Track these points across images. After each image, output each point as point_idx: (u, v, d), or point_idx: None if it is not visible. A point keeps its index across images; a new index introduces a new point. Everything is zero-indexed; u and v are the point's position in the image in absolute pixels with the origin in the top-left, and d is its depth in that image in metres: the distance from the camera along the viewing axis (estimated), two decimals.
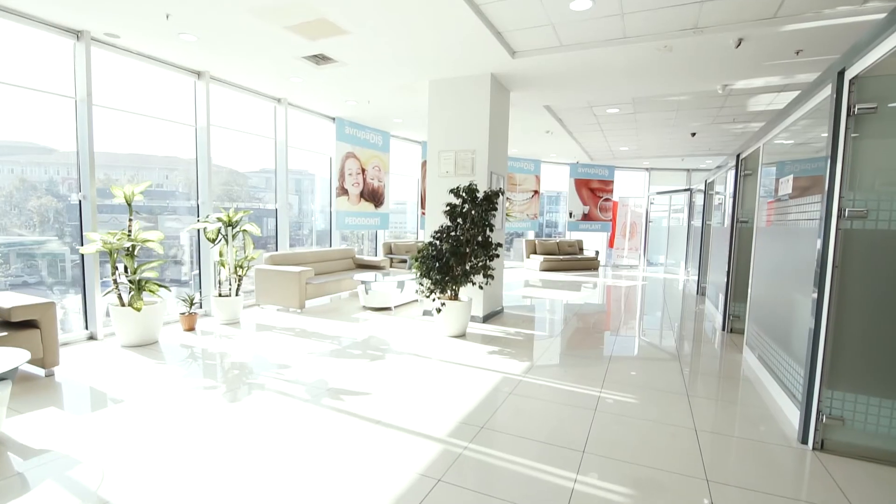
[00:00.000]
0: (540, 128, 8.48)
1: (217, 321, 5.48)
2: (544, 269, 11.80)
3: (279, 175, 6.95)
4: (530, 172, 12.44)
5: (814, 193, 3.06)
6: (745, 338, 4.60)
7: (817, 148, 3.13)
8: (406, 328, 5.34)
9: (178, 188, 6.16)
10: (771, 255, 3.88)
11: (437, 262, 4.79)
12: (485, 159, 5.52)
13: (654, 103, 6.86)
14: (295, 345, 4.60)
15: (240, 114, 6.78)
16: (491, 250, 4.97)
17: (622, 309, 7.15)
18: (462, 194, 4.90)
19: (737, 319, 5.47)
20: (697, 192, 10.08)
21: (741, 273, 5.38)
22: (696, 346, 4.97)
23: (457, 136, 5.66)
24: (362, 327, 5.38)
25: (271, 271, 6.18)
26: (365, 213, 8.59)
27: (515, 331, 5.38)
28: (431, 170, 5.84)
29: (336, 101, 6.87)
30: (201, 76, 5.66)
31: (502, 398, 3.32)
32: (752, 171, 5.30)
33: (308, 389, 3.40)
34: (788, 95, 6.24)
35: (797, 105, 3.37)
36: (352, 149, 8.20)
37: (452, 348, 4.56)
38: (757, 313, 4.28)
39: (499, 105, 5.79)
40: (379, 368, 3.91)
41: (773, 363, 3.65)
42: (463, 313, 4.95)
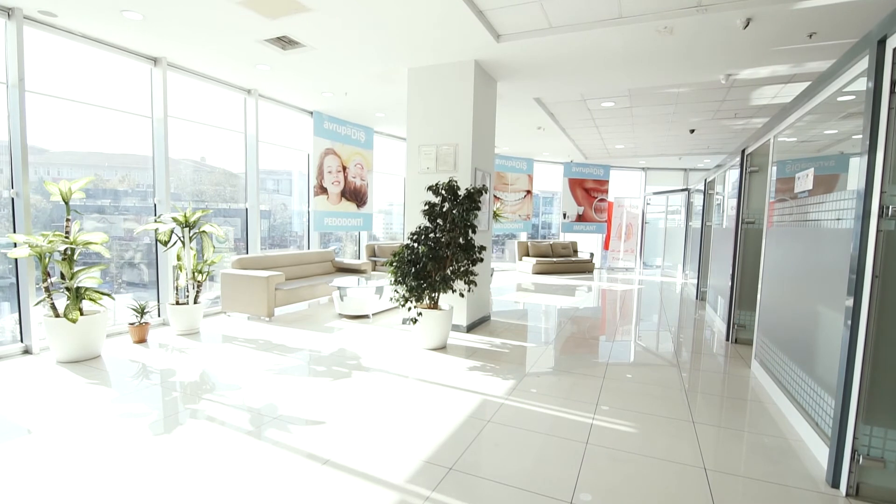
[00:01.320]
0: (531, 123, 8.03)
1: (173, 332, 4.98)
2: (537, 272, 11.35)
3: (249, 172, 6.46)
4: (522, 172, 11.99)
5: (841, 189, 2.61)
6: (754, 350, 4.16)
7: (846, 135, 2.68)
8: (381, 339, 4.87)
9: (141, 186, 5.66)
10: (785, 260, 3.43)
11: (414, 266, 4.32)
12: (468, 154, 5.06)
13: (652, 96, 6.42)
14: (253, 360, 4.11)
15: (208, 106, 6.29)
16: (473, 254, 4.50)
17: (618, 316, 6.70)
18: (441, 192, 4.43)
19: (742, 329, 5.03)
20: (696, 192, 9.67)
21: (747, 278, 4.94)
22: (699, 359, 4.51)
23: (438, 129, 5.20)
24: (333, 338, 4.89)
25: (238, 276, 5.69)
26: (346, 214, 8.10)
27: (502, 342, 4.91)
28: (411, 166, 5.37)
29: (311, 92, 6.40)
30: (158, 63, 5.17)
31: (479, 427, 2.85)
32: (759, 167, 4.86)
33: (253, 417, 2.92)
34: (795, 88, 5.81)
35: (820, 87, 2.92)
36: (331, 145, 7.71)
37: (429, 364, 4.09)
38: (768, 324, 3.83)
39: (484, 96, 5.33)
40: (342, 389, 3.43)
41: (789, 384, 3.20)
42: (442, 323, 4.48)
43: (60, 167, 5.17)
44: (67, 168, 5.15)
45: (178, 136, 6.04)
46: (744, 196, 4.99)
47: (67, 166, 5.16)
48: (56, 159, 5.13)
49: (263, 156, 7.70)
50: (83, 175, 4.23)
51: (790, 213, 3.37)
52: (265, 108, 6.83)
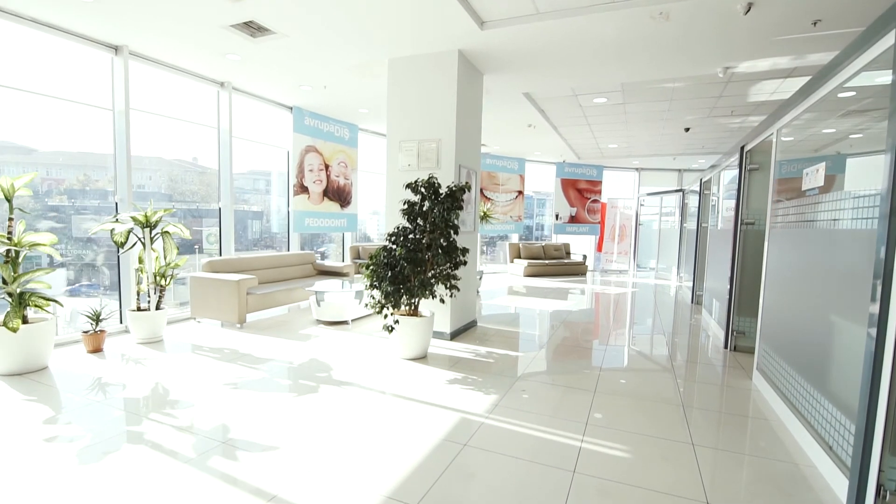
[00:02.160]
0: (521, 121, 7.74)
1: (134, 340, 4.63)
2: (529, 275, 11.06)
3: (223, 170, 6.12)
4: (514, 172, 11.70)
5: (853, 185, 2.33)
6: (756, 360, 3.87)
7: (864, 124, 2.40)
8: (358, 348, 4.54)
9: (109, 185, 5.31)
10: (792, 264, 3.15)
11: (391, 270, 4.00)
12: (451, 150, 4.75)
13: (646, 92, 6.15)
14: (215, 372, 3.77)
15: (181, 101, 5.95)
16: (456, 256, 4.19)
17: (611, 321, 6.41)
18: (421, 189, 4.11)
19: (742, 336, 4.75)
20: (691, 192, 9.42)
21: (747, 283, 4.66)
22: (697, 369, 4.22)
23: (420, 123, 4.88)
24: (306, 347, 4.56)
25: (207, 280, 5.34)
26: (329, 214, 7.77)
27: (487, 350, 4.60)
28: (392, 163, 5.05)
29: (289, 86, 6.06)
30: (119, 51, 4.82)
31: (454, 453, 2.53)
32: (759, 164, 4.59)
33: (199, 442, 2.58)
34: (795, 83, 5.56)
35: (833, 72, 2.63)
36: (313, 142, 7.38)
37: (405, 376, 3.76)
38: (771, 333, 3.54)
39: (469, 89, 5.03)
40: (305, 406, 3.10)
41: (797, 400, 2.91)
42: (422, 331, 4.16)
43: (16, 165, 4.81)
44: (18, 167, 4.79)
45: (152, 134, 5.71)
46: (743, 196, 4.71)
47: (17, 165, 4.80)
48: (16, 157, 4.78)
49: (245, 154, 7.38)
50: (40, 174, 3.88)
51: (797, 213, 3.08)
52: (241, 102, 6.50)
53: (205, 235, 7.26)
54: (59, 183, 5.53)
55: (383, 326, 3.96)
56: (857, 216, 2.28)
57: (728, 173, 5.81)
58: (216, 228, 7.46)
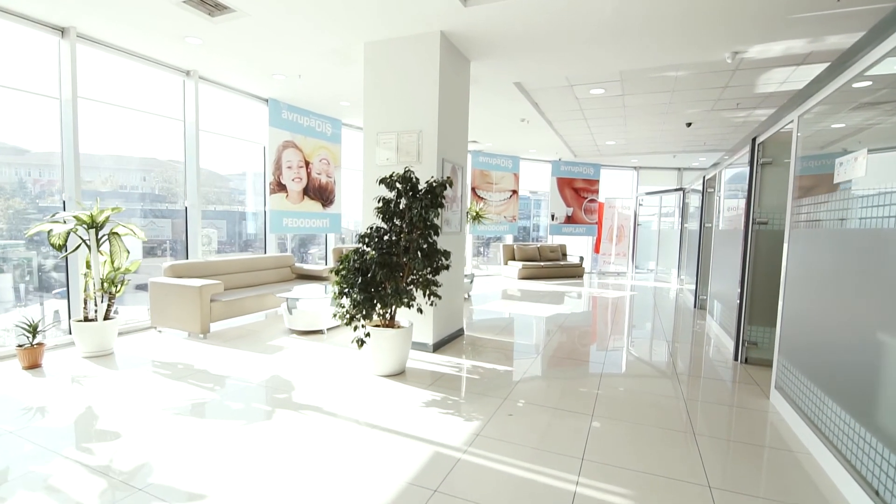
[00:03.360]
0: (513, 114, 7.30)
1: (79, 353, 4.15)
2: (523, 277, 10.62)
3: (189, 166, 5.64)
4: (508, 170, 11.26)
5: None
6: (774, 377, 3.43)
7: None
8: (328, 363, 4.08)
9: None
10: (822, 268, 2.71)
11: (362, 276, 3.54)
12: (433, 143, 4.30)
13: (646, 82, 5.71)
14: (160, 393, 3.30)
15: (146, 92, 5.49)
16: (437, 260, 3.74)
17: (609, 329, 5.97)
18: (396, 184, 3.66)
19: (754, 347, 4.31)
20: (692, 191, 9.00)
21: (760, 288, 4.23)
22: (706, 387, 3.78)
23: (399, 113, 4.43)
24: (272, 362, 4.09)
25: (168, 286, 4.87)
26: (310, 214, 7.30)
27: (473, 364, 4.15)
28: (369, 158, 4.59)
29: (260, 75, 5.60)
30: (65, 34, 4.35)
31: (420, 503, 2.07)
32: (773, 157, 4.16)
33: (110, 487, 2.12)
34: (807, 71, 5.13)
35: (877, 40, 2.19)
36: (291, 137, 6.92)
37: (377, 397, 3.31)
38: (794, 347, 3.10)
39: (454, 75, 4.58)
40: (252, 438, 2.64)
41: (830, 429, 2.46)
42: (399, 344, 3.70)
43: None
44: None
45: (117, 129, 5.26)
46: (755, 193, 4.28)
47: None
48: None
49: (225, 152, 6.93)
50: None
51: (827, 211, 2.65)
52: (213, 94, 6.04)
53: (197, 237, 7.00)
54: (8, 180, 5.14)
55: (353, 340, 3.50)
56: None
57: (729, 171, 5.39)
58: (209, 229, 7.04)
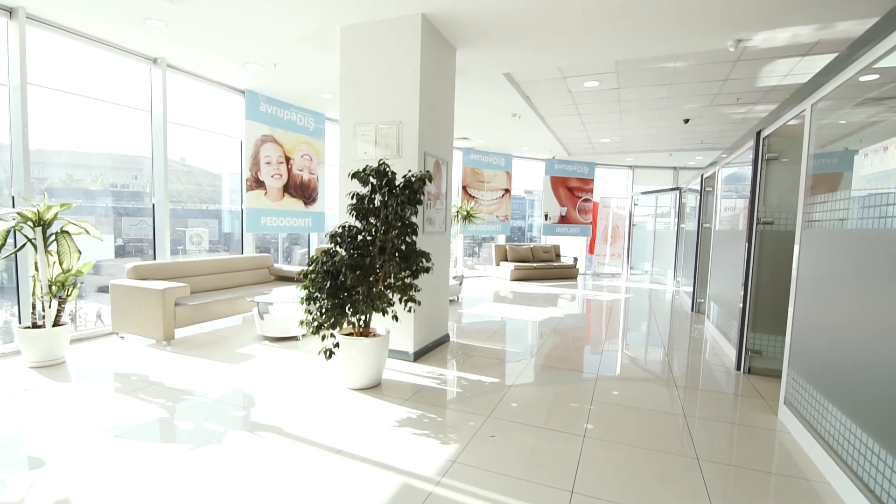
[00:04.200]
0: (504, 109, 6.98)
1: (26, 363, 3.79)
2: (516, 279, 10.32)
3: (156, 160, 5.28)
4: (500, 168, 10.95)
5: None
6: (783, 392, 3.13)
7: None
8: (298, 374, 3.74)
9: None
10: (841, 274, 2.41)
11: (332, 279, 3.21)
12: (414, 135, 3.97)
13: (643, 74, 5.42)
14: (105, 409, 2.96)
15: (114, 82, 5.14)
16: (416, 263, 3.41)
17: (604, 335, 5.67)
18: (371, 179, 3.33)
19: (758, 357, 4.02)
20: (689, 191, 8.73)
21: (765, 293, 3.94)
22: (707, 401, 3.48)
23: (377, 103, 4.11)
24: (236, 373, 3.75)
25: (129, 289, 4.51)
26: (290, 213, 6.95)
27: (457, 375, 3.83)
28: (346, 152, 4.26)
29: (232, 63, 5.25)
30: (14, 14, 3.99)
31: None
32: (780, 152, 3.87)
33: None
34: (812, 63, 4.86)
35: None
36: (270, 131, 6.57)
37: (346, 415, 2.98)
38: (806, 360, 2.80)
39: (437, 63, 4.26)
40: (195, 466, 2.30)
41: (851, 456, 2.16)
42: (373, 355, 3.38)
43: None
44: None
45: (90, 122, 4.93)
46: (759, 190, 3.99)
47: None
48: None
49: (196, 146, 6.58)
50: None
51: (848, 208, 2.35)
52: (185, 85, 5.68)
53: (188, 236, 6.71)
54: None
55: (319, 351, 3.17)
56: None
57: (730, 169, 5.10)
58: (200, 228, 6.72)
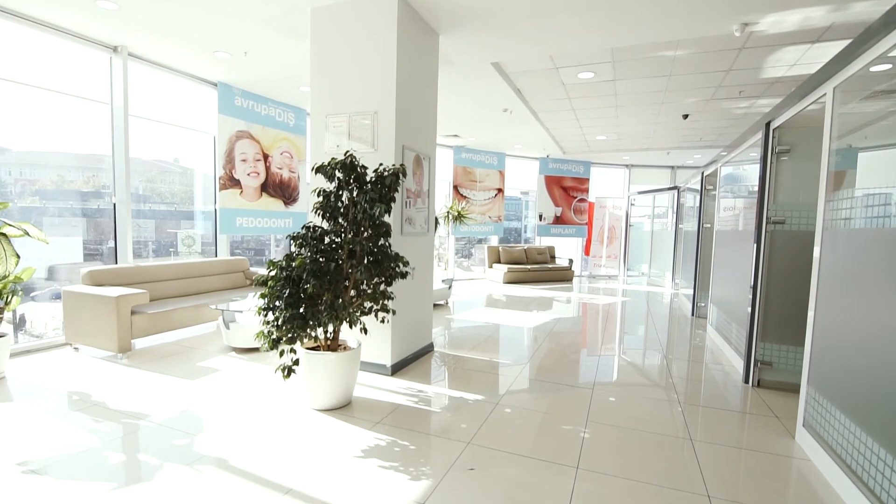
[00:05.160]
0: (495, 103, 6.63)
1: None
2: (509, 281, 9.96)
3: (117, 156, 4.89)
4: (493, 167, 10.60)
5: None
6: (802, 413, 2.78)
7: None
8: (260, 391, 3.36)
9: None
10: (876, 278, 2.06)
11: (294, 286, 2.84)
12: (391, 126, 3.61)
13: (640, 64, 5.08)
14: (28, 435, 2.57)
15: (76, 74, 4.77)
16: (391, 267, 3.05)
17: (600, 343, 5.31)
18: (337, 174, 2.96)
19: (768, 368, 3.68)
20: (688, 190, 8.40)
21: (776, 299, 3.60)
22: (715, 422, 3.12)
23: (351, 91, 3.74)
24: (191, 389, 3.37)
25: (84, 296, 4.12)
26: (268, 213, 6.57)
27: (437, 392, 3.46)
28: (316, 146, 3.89)
29: (199, 51, 4.87)
30: None
31: None
32: (793, 145, 3.53)
33: None
34: (823, 51, 4.53)
35: None
36: (246, 127, 6.19)
37: (306, 443, 2.60)
38: (830, 376, 2.45)
39: (417, 49, 3.90)
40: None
41: (890, 496, 1.81)
42: (341, 371, 3.00)
43: None
44: None
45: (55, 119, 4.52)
46: (769, 187, 3.64)
47: None
48: None
49: (166, 142, 6.21)
50: None
51: (889, 203, 2.00)
52: (152, 76, 5.30)
53: (180, 238, 6.46)
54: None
55: (277, 368, 2.79)
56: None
57: (734, 165, 4.77)
58: (193, 231, 6.31)
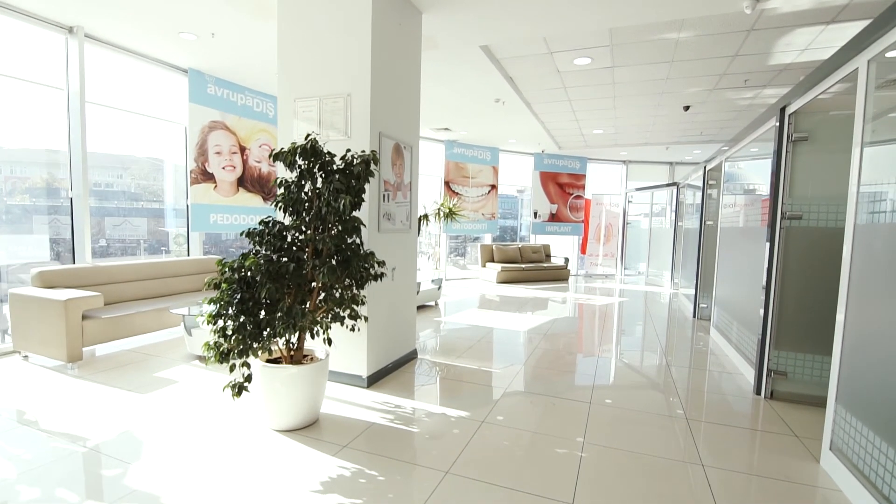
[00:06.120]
0: (486, 93, 6.27)
1: None
2: (502, 281, 9.62)
3: (74, 147, 4.50)
4: (486, 163, 10.24)
5: None
6: (829, 435, 2.44)
7: None
8: (217, 407, 2.99)
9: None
10: None
11: (247, 290, 2.47)
12: (365, 111, 3.24)
13: (641, 48, 4.73)
14: None
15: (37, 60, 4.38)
16: (359, 268, 2.68)
17: (597, 349, 4.96)
18: (298, 161, 2.60)
19: (783, 379, 3.34)
20: (688, 186, 8.08)
21: (791, 303, 3.26)
22: (727, 444, 2.78)
23: (322, 73, 3.37)
24: (140, 405, 3.00)
25: (32, 299, 3.74)
26: (246, 209, 6.19)
27: (416, 407, 3.10)
28: (284, 133, 3.52)
29: (162, 33, 4.48)
30: None
31: None
32: (811, 132, 3.19)
33: None
34: (837, 33, 4.20)
35: None
36: (221, 117, 5.80)
37: (257, 473, 2.24)
38: (869, 398, 2.12)
39: (396, 26, 3.53)
40: None
41: None
42: (304, 385, 2.64)
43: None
44: None
45: None
46: (784, 179, 3.30)
47: None
48: None
49: (134, 133, 5.81)
50: None
51: None
52: (115, 61, 4.91)
53: (171, 237, 6.26)
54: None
55: (226, 386, 2.42)
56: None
57: (735, 160, 4.43)
58: (185, 229, 5.91)
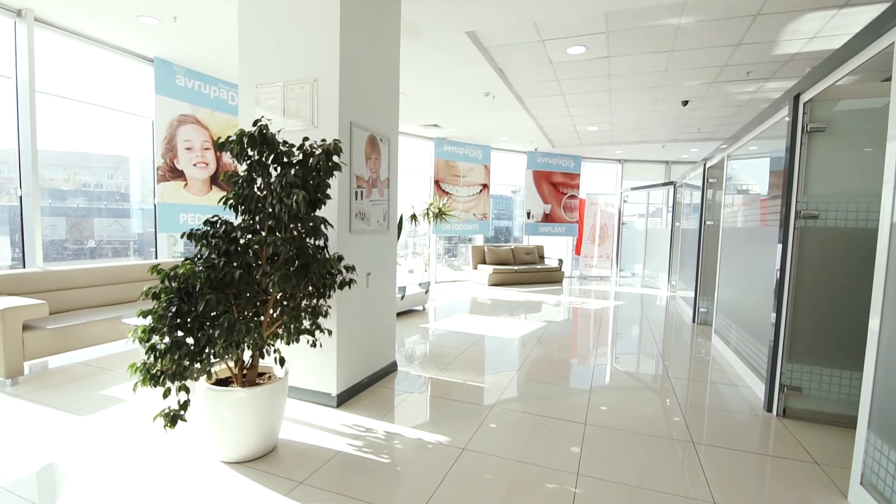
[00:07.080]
0: (475, 86, 5.94)
1: None
2: (494, 283, 9.29)
3: (23, 143, 4.12)
4: (477, 161, 9.91)
5: None
6: (860, 467, 2.13)
7: None
8: (161, 433, 2.63)
9: None
10: None
11: (183, 302, 2.12)
12: (334, 97, 2.90)
13: (639, 35, 4.41)
14: None
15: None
16: (321, 275, 2.34)
17: (593, 360, 4.64)
18: (247, 151, 2.25)
19: (796, 395, 3.03)
20: (685, 185, 7.78)
21: (806, 311, 2.95)
22: (739, 472, 2.46)
23: (286, 55, 3.02)
24: (77, 429, 2.63)
25: None
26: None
27: (390, 430, 2.76)
28: (245, 122, 3.16)
29: (120, 16, 4.11)
30: None
31: None
32: (829, 122, 2.88)
33: None
34: (848, 19, 3.90)
35: None
36: (192, 110, 5.43)
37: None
38: None
39: (370, 5, 3.19)
40: None
41: None
42: (256, 411, 2.29)
43: None
44: None
45: None
46: (799, 174, 2.99)
47: None
48: None
49: (99, 126, 5.43)
50: None
51: None
52: (75, 49, 4.54)
53: (165, 238, 5.72)
54: None
55: (156, 416, 2.06)
56: None
57: (739, 154, 4.13)
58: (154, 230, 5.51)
